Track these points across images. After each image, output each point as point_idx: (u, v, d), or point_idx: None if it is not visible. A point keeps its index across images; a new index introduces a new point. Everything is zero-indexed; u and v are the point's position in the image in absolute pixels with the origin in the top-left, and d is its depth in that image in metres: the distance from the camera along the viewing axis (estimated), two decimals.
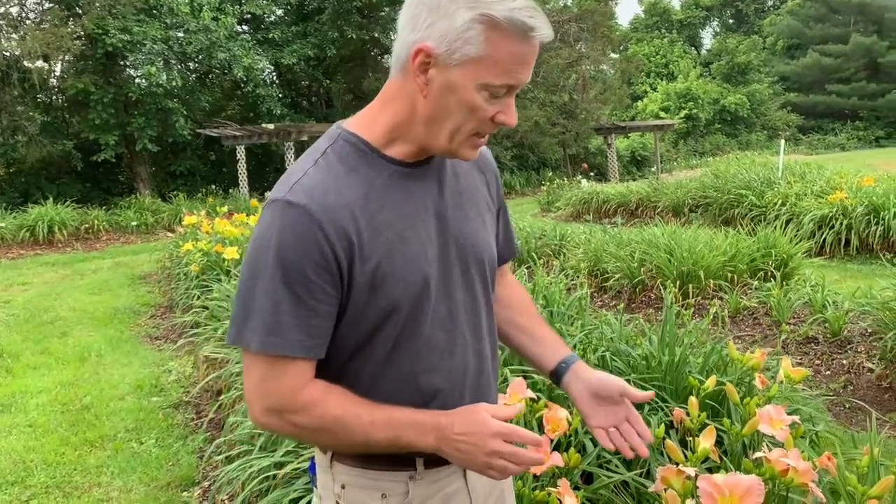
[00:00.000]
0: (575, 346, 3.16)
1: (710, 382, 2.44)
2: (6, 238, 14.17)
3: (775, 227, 7.76)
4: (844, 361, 5.00)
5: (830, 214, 8.94)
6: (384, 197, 1.21)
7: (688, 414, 2.18)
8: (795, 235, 7.53)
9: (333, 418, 1.19)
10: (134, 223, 15.96)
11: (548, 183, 18.44)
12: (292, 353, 1.16)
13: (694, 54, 50.93)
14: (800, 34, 48.06)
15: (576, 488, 2.31)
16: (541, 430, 2.15)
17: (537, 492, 1.93)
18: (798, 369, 2.77)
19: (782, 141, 13.53)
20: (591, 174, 23.04)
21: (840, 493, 2.00)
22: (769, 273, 6.56)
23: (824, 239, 8.74)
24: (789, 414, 2.16)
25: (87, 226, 15.18)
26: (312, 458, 1.38)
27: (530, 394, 2.28)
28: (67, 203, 15.87)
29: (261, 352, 1.16)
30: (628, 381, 3.10)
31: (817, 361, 5.03)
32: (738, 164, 17.92)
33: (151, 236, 15.55)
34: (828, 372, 4.89)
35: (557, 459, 2.10)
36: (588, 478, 2.45)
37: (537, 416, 2.24)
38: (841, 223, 8.76)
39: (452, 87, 1.14)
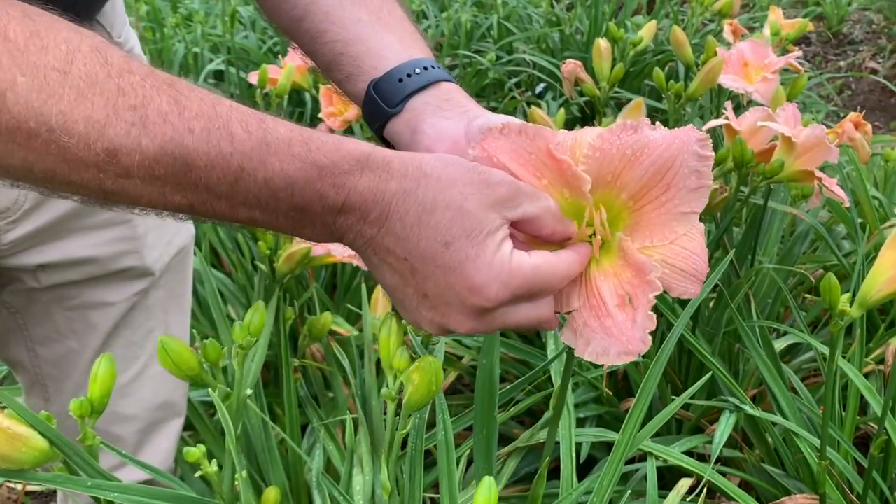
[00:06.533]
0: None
1: (647, 30, 1.40)
2: None
3: None
4: (842, 63, 3.97)
5: None
6: None
7: (590, 71, 1.16)
8: None
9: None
10: None
11: None
12: None
13: None
14: None
15: None
16: None
17: None
18: (794, 21, 1.73)
19: None
20: None
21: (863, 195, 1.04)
22: None
23: None
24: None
25: None
26: None
27: None
28: None
29: None
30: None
31: (808, 64, 4.00)
32: None
33: None
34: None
35: None
36: None
37: None
38: None
39: None
